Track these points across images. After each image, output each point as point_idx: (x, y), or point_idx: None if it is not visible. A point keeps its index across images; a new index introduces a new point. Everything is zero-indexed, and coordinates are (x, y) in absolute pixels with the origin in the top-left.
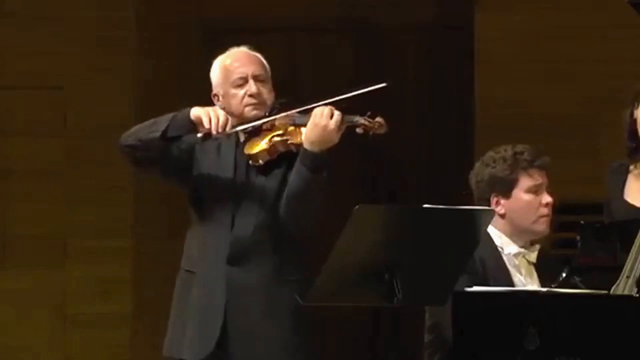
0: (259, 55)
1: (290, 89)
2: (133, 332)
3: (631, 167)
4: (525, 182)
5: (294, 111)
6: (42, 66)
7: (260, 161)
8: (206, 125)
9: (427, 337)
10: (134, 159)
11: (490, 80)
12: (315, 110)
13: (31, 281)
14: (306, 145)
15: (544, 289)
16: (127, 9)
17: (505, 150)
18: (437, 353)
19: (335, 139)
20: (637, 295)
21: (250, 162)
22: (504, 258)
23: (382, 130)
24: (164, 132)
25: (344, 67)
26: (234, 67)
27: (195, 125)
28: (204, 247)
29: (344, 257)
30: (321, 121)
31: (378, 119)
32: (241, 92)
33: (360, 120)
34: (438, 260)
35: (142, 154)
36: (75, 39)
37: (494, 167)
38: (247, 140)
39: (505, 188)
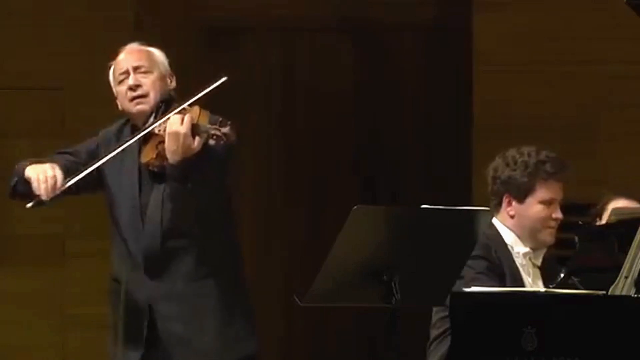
0: (147, 48)
1: (289, 89)
2: None
3: None
4: (541, 193)
5: (171, 114)
6: (42, 66)
7: (155, 168)
8: (35, 191)
9: (432, 333)
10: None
11: (489, 81)
12: (169, 121)
13: (30, 281)
14: (168, 157)
15: (542, 289)
16: (127, 9)
17: (529, 155)
18: (441, 350)
19: (193, 144)
20: (636, 295)
21: (149, 169)
22: (514, 256)
23: (232, 139)
24: (14, 187)
25: (343, 67)
26: (116, 64)
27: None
28: (122, 258)
29: (342, 258)
30: (172, 128)
31: (225, 129)
32: (124, 87)
33: (211, 129)
34: (436, 261)
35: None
36: (75, 39)
37: (514, 170)
38: (141, 148)
39: (521, 193)
